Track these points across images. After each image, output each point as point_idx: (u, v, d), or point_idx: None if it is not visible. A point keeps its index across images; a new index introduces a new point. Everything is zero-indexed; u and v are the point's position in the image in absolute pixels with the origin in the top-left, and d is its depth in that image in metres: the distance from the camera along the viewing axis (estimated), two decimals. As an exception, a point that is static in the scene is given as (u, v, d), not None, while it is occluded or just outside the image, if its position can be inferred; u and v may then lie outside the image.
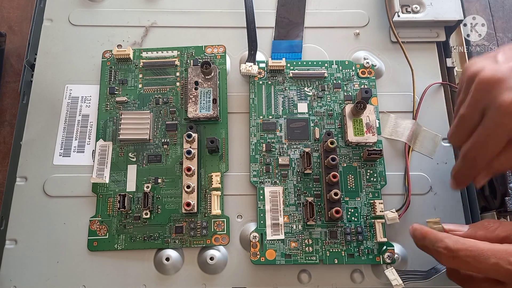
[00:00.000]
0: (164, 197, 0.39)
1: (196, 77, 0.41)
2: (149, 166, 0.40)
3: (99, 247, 0.38)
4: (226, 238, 0.39)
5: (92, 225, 0.39)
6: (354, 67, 0.43)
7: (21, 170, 0.41)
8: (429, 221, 0.40)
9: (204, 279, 0.38)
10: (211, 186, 0.39)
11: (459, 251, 0.29)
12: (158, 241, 0.38)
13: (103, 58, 0.44)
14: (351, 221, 0.39)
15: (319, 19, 0.47)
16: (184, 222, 0.39)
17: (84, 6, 0.47)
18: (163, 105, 0.42)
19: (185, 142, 0.39)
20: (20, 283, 0.38)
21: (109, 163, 0.40)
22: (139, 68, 0.43)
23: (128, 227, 0.39)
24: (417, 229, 0.33)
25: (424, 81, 0.44)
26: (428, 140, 0.43)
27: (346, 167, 0.40)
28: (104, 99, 0.42)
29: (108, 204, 0.39)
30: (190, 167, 0.38)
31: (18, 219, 0.39)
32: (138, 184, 0.40)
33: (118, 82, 0.43)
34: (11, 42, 0.49)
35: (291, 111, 0.42)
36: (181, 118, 0.42)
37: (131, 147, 0.41)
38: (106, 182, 0.40)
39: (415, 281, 0.37)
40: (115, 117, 0.42)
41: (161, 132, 0.41)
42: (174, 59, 0.43)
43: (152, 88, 0.42)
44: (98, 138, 0.41)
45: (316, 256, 0.38)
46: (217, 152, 0.40)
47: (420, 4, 0.46)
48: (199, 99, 0.40)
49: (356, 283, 0.38)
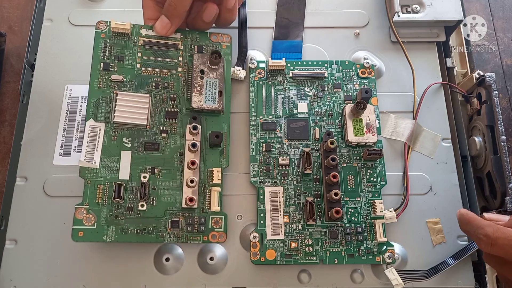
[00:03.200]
0: (160, 189, 0.37)
1: (202, 66, 0.39)
2: (145, 154, 0.38)
3: (85, 237, 0.35)
4: (223, 235, 0.37)
5: (77, 213, 0.35)
6: (354, 67, 0.43)
7: (21, 170, 0.41)
8: (429, 221, 0.40)
9: (204, 279, 0.38)
10: (211, 182, 0.38)
11: (498, 239, 0.31)
12: (152, 235, 0.36)
13: (97, 29, 0.40)
14: (351, 221, 0.39)
15: (319, 19, 0.47)
16: (181, 217, 0.37)
17: (84, 6, 0.47)
18: (163, 89, 0.39)
19: (189, 133, 0.38)
20: (20, 283, 0.38)
21: (100, 147, 0.37)
22: (138, 46, 0.40)
23: (119, 218, 0.36)
24: (463, 214, 0.35)
25: (424, 81, 0.44)
26: (428, 140, 0.43)
27: (346, 167, 0.40)
28: (96, 74, 0.38)
29: (97, 191, 0.36)
30: (195, 161, 0.37)
31: (18, 219, 0.39)
32: (133, 172, 0.37)
33: (113, 58, 0.39)
34: (11, 42, 0.49)
35: (291, 111, 0.42)
36: (181, 106, 0.39)
37: (126, 131, 0.38)
38: (96, 167, 0.37)
39: (415, 281, 0.37)
40: (109, 96, 0.38)
41: (159, 119, 0.39)
42: (177, 42, 0.40)
43: (151, 70, 0.39)
44: (89, 118, 0.37)
45: (316, 256, 0.38)
46: (218, 147, 0.39)
47: (420, 4, 0.46)
48: (204, 89, 0.39)
49: (356, 283, 0.38)
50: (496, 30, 0.52)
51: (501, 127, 0.41)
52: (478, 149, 0.42)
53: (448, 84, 0.45)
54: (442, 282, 0.38)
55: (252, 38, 0.46)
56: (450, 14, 0.45)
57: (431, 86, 0.44)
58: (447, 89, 0.45)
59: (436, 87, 0.45)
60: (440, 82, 0.45)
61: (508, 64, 0.50)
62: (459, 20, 0.45)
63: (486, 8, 0.53)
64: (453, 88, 0.45)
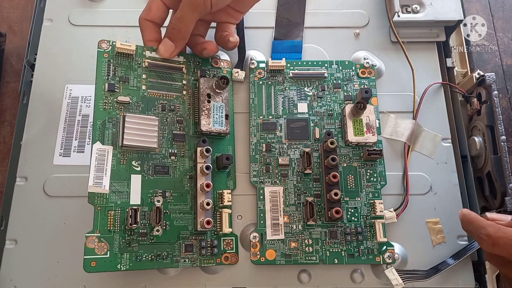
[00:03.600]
0: (172, 213, 0.37)
1: (208, 90, 0.39)
2: (155, 178, 0.37)
3: (98, 267, 0.33)
4: (235, 257, 0.38)
5: (88, 242, 0.33)
6: (354, 67, 0.43)
7: (21, 170, 0.41)
8: (429, 221, 0.40)
9: (204, 279, 0.38)
10: (221, 204, 0.38)
11: (500, 239, 0.31)
12: (167, 261, 0.35)
13: (99, 48, 0.38)
14: (351, 221, 0.39)
15: (319, 19, 0.47)
16: (194, 240, 0.37)
17: (84, 6, 0.47)
18: (169, 112, 0.39)
19: (200, 156, 0.38)
20: (20, 283, 0.38)
21: (109, 171, 0.36)
22: (143, 68, 0.39)
23: (133, 244, 0.35)
24: (465, 214, 0.35)
25: (424, 81, 0.44)
26: (428, 140, 0.43)
27: (346, 167, 0.40)
28: (101, 95, 0.37)
29: (108, 218, 0.35)
30: (210, 184, 0.36)
31: (18, 219, 0.39)
32: (143, 196, 0.36)
33: (118, 79, 0.38)
34: (11, 42, 0.49)
35: (291, 111, 0.42)
36: (188, 129, 0.39)
37: (134, 154, 0.37)
38: (107, 192, 0.35)
39: (415, 281, 0.37)
40: (115, 118, 0.37)
41: (168, 141, 0.38)
42: (181, 65, 0.40)
43: (157, 92, 0.39)
44: (95, 140, 0.36)
45: (316, 256, 0.38)
46: (226, 169, 0.40)
47: (420, 4, 0.46)
48: (212, 112, 0.39)
49: (356, 283, 0.38)
50: (496, 30, 0.52)
51: (501, 127, 0.41)
52: (478, 149, 0.42)
53: (448, 84, 0.45)
54: (442, 282, 0.38)
55: (252, 38, 0.46)
56: (450, 14, 0.45)
57: (431, 86, 0.44)
58: (447, 89, 0.45)
59: (436, 87, 0.45)
60: (440, 82, 0.45)
61: (508, 64, 0.50)
62: (459, 20, 0.45)
63: (486, 8, 0.53)
64: (453, 88, 0.45)
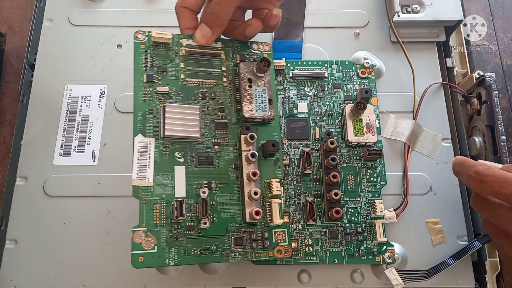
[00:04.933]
0: (219, 204, 0.35)
1: (249, 74, 0.37)
2: (199, 169, 0.35)
3: (146, 262, 0.32)
4: (288, 250, 0.35)
5: (135, 236, 0.32)
6: (354, 67, 0.43)
7: (21, 170, 0.41)
8: (429, 221, 0.40)
9: (204, 279, 0.38)
10: (269, 193, 0.36)
11: (487, 176, 0.31)
12: (216, 255, 0.34)
13: (136, 40, 0.37)
14: (351, 221, 0.39)
15: (319, 19, 0.47)
16: (244, 233, 0.35)
17: (84, 6, 0.47)
18: (210, 100, 0.37)
19: (244, 143, 0.36)
20: (20, 283, 0.38)
21: (152, 163, 0.34)
22: (180, 56, 0.37)
23: (180, 238, 0.33)
24: (458, 158, 0.36)
25: (424, 81, 0.44)
26: (428, 140, 0.43)
27: (346, 167, 0.40)
28: (140, 87, 0.36)
29: (154, 211, 0.34)
30: (256, 172, 0.35)
31: (18, 219, 0.39)
32: (189, 188, 0.35)
33: (156, 70, 0.37)
34: (11, 42, 0.49)
35: (291, 111, 0.42)
36: (230, 116, 0.37)
37: (177, 145, 0.35)
38: (151, 184, 0.34)
39: (415, 281, 0.37)
40: (155, 109, 0.36)
41: (210, 130, 0.37)
42: (219, 51, 0.38)
43: (196, 80, 0.37)
44: (136, 133, 0.35)
45: (316, 256, 0.38)
46: (272, 156, 0.37)
47: (420, 4, 0.46)
48: (254, 97, 0.37)
49: (356, 283, 0.38)
50: (496, 30, 0.52)
51: (501, 127, 0.41)
52: (478, 149, 0.42)
53: (448, 84, 0.45)
54: (442, 282, 0.38)
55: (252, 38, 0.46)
56: (450, 14, 0.45)
57: (431, 86, 0.44)
58: (447, 89, 0.45)
59: (436, 87, 0.45)
60: (440, 82, 0.45)
61: (508, 64, 0.50)
62: (459, 20, 0.45)
63: (486, 8, 0.53)
64: (453, 88, 0.45)
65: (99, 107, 0.43)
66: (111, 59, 0.45)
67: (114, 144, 0.42)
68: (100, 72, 0.44)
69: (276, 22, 0.39)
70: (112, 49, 0.45)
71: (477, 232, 0.40)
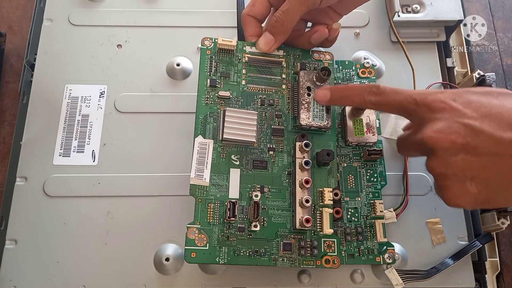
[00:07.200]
0: (270, 209, 0.36)
1: (308, 82, 0.38)
2: (253, 172, 0.37)
3: (197, 258, 0.34)
4: (337, 260, 0.36)
5: (189, 233, 0.34)
6: (354, 67, 0.43)
7: (21, 170, 0.41)
8: (429, 221, 0.40)
9: (204, 279, 0.38)
10: (321, 202, 0.36)
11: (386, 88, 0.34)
12: (265, 258, 0.35)
13: (203, 46, 0.39)
14: (351, 221, 0.39)
15: (319, 19, 0.47)
16: (293, 239, 0.36)
17: (84, 6, 0.47)
18: (268, 107, 0.39)
19: (299, 151, 0.37)
20: (20, 283, 0.38)
21: (209, 164, 0.36)
22: (243, 63, 0.39)
23: (231, 238, 0.35)
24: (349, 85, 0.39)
25: (424, 81, 0.44)
26: (428, 140, 0.43)
27: (346, 167, 0.40)
28: (203, 91, 0.38)
29: (208, 210, 0.35)
30: (309, 180, 0.35)
31: (18, 219, 0.39)
32: (242, 191, 0.36)
33: (219, 75, 0.39)
34: (11, 42, 0.49)
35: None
36: (287, 123, 0.38)
37: (234, 148, 0.37)
38: (207, 184, 0.35)
39: (415, 281, 0.37)
40: (216, 112, 0.37)
41: (266, 136, 0.38)
42: (281, 59, 0.40)
43: (256, 87, 0.39)
44: (197, 134, 0.37)
45: (316, 256, 0.38)
46: (327, 166, 0.38)
47: (420, 4, 0.46)
48: (311, 106, 0.38)
49: (356, 283, 0.38)
50: (496, 30, 0.52)
51: (501, 127, 0.41)
52: (478, 149, 0.42)
53: (448, 84, 0.45)
54: (442, 282, 0.38)
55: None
56: (450, 14, 0.45)
57: (431, 86, 0.44)
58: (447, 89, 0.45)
59: (436, 87, 0.45)
60: (440, 82, 0.45)
61: (508, 64, 0.50)
62: (459, 20, 0.45)
63: (486, 8, 0.53)
64: (454, 88, 0.45)
65: (99, 107, 0.43)
66: (111, 59, 0.45)
67: (114, 144, 0.42)
68: (100, 72, 0.44)
69: (335, 36, 0.40)
70: (112, 49, 0.45)
71: (477, 232, 0.40)
